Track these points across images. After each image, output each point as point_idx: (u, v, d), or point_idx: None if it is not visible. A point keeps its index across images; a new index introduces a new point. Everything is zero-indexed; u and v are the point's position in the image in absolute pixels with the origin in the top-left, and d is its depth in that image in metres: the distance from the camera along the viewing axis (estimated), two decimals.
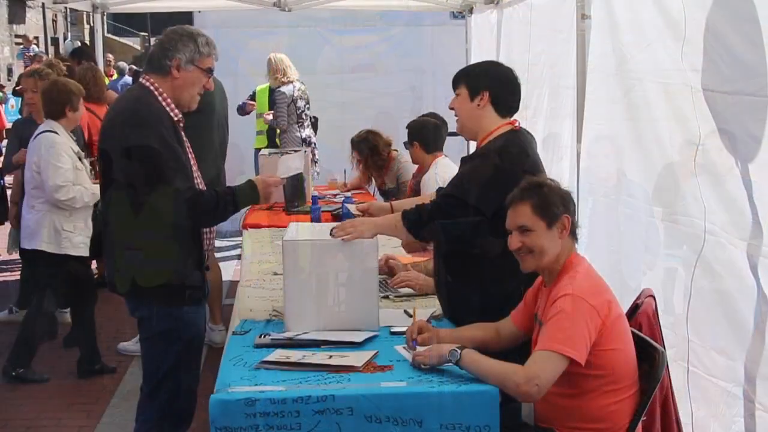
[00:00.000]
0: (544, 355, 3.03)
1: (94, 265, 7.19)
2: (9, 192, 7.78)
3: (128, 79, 16.57)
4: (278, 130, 9.28)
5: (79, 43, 20.42)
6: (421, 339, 3.36)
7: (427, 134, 6.25)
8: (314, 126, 9.58)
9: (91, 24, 26.56)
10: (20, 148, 6.60)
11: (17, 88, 11.71)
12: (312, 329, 3.55)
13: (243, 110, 9.69)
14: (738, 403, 3.67)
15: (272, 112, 9.26)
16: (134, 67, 16.47)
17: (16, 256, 7.56)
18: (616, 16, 4.79)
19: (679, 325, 4.04)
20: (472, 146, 4.27)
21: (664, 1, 4.21)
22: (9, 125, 13.53)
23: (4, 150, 7.01)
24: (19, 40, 23.26)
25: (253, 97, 9.71)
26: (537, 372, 3.00)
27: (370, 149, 7.36)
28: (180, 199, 3.65)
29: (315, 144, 9.35)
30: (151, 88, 3.79)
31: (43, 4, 21.14)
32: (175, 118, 3.80)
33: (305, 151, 7.65)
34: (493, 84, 3.79)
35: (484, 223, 3.63)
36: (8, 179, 8.36)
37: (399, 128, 7.47)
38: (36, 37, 22.39)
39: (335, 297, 3.61)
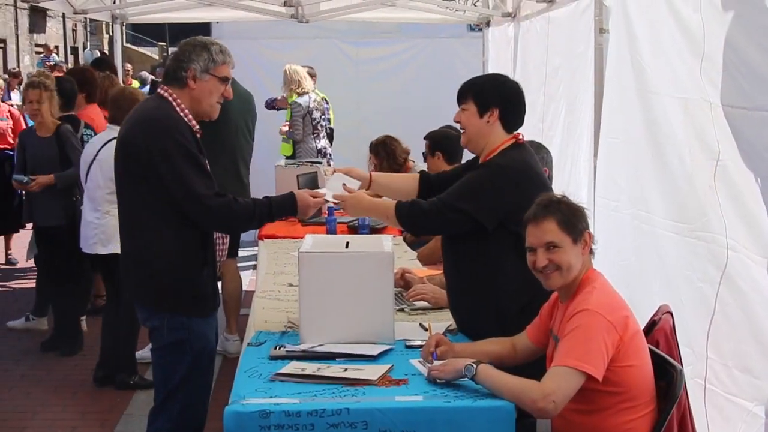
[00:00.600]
0: (560, 371, 3.01)
1: None
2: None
3: (148, 88, 16.64)
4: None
5: (99, 53, 20.56)
6: (439, 352, 3.34)
7: (449, 145, 6.21)
8: (330, 137, 9.60)
9: (110, 34, 26.74)
10: (24, 161, 6.64)
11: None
12: (327, 341, 3.54)
13: (272, 105, 9.69)
14: (759, 422, 3.62)
15: (288, 123, 9.30)
16: (153, 76, 16.51)
17: (31, 263, 7.60)
18: (635, 30, 4.77)
19: (696, 342, 4.01)
20: None
21: (682, 15, 4.20)
22: None
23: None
24: (40, 50, 23.43)
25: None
26: (553, 388, 2.98)
27: (387, 153, 7.34)
28: (208, 204, 3.67)
29: (330, 155, 9.36)
30: (170, 98, 3.79)
31: (63, 14, 21.28)
32: (194, 129, 3.81)
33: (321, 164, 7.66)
34: (503, 101, 3.78)
35: (484, 234, 3.63)
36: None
37: (414, 140, 7.44)
38: (56, 47, 22.57)
39: (350, 310, 3.60)
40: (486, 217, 3.62)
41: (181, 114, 3.77)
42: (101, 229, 5.92)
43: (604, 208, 4.96)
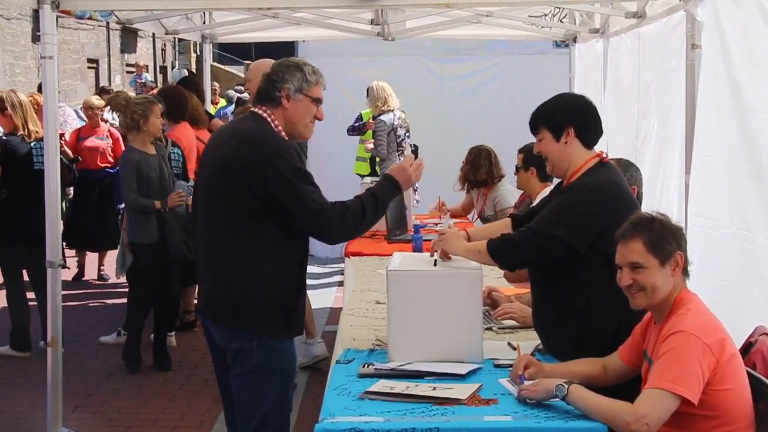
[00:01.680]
0: (655, 393, 2.96)
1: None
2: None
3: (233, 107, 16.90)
4: (378, 158, 9.35)
5: (186, 72, 20.97)
6: (528, 374, 3.31)
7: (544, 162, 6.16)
8: (414, 154, 9.61)
9: (198, 53, 27.25)
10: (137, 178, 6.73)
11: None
12: (415, 360, 3.53)
13: (359, 130, 9.79)
14: None
15: (373, 140, 9.35)
16: (237, 93, 16.77)
17: (123, 279, 7.76)
18: (729, 45, 4.66)
19: None
20: None
21: None
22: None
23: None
24: (131, 69, 24.03)
25: (360, 119, 9.82)
26: (647, 411, 2.93)
27: (474, 164, 7.32)
28: (330, 218, 3.70)
29: None
30: (266, 116, 3.80)
31: (153, 34, 21.79)
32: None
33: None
34: (574, 118, 3.73)
35: (576, 257, 3.57)
36: None
37: (499, 156, 7.42)
38: (146, 65, 23.10)
39: (439, 328, 3.58)
40: (577, 240, 3.57)
41: (277, 130, 3.79)
42: None
43: (699, 227, 4.84)
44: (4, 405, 5.78)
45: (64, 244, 10.61)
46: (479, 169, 7.33)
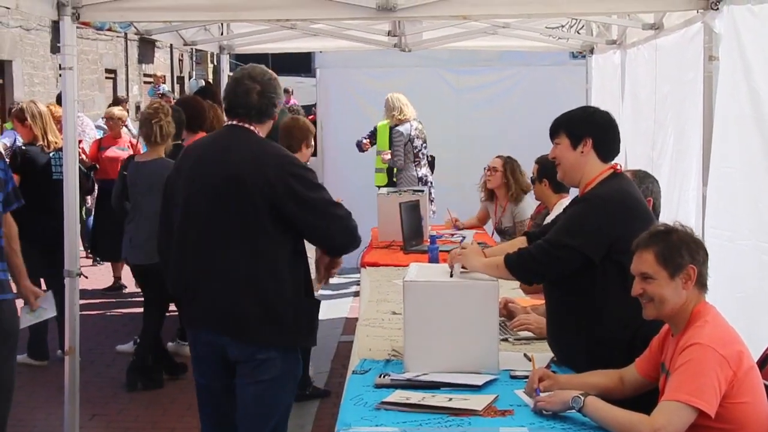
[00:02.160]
0: (671, 405, 2.95)
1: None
2: None
3: None
4: (395, 169, 9.37)
5: (203, 82, 21.07)
6: (543, 386, 3.30)
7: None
8: (431, 165, 9.63)
9: (215, 63, 27.38)
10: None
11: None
12: (431, 370, 3.54)
13: (360, 148, 9.83)
14: None
15: (390, 151, 9.36)
16: None
17: (139, 288, 7.76)
18: (748, 57, 4.65)
19: None
20: None
21: None
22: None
23: None
24: (150, 79, 24.16)
25: (372, 134, 9.82)
26: (664, 423, 2.92)
27: (512, 168, 7.30)
28: (351, 222, 3.87)
29: (432, 183, 9.39)
30: (255, 131, 3.89)
31: (171, 45, 21.91)
32: None
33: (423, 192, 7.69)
34: (595, 130, 3.76)
35: (591, 267, 3.58)
36: None
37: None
38: (163, 76, 23.23)
39: (455, 339, 3.59)
40: (592, 250, 3.58)
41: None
42: None
43: (716, 239, 4.82)
44: (22, 413, 5.80)
45: (99, 258, 10.75)
46: (519, 178, 7.27)
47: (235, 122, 3.88)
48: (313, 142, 6.22)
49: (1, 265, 4.43)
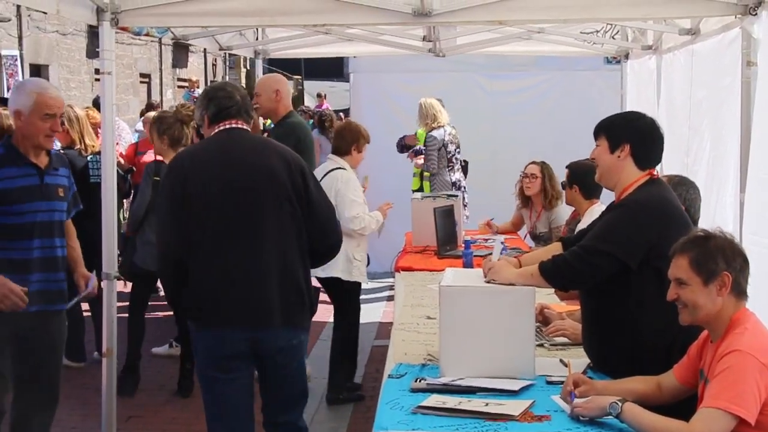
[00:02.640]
0: (710, 412, 2.93)
1: None
2: None
3: None
4: (428, 173, 9.38)
5: None
6: (579, 392, 3.29)
7: (588, 179, 6.12)
8: (464, 170, 9.63)
9: (248, 68, 27.52)
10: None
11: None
12: (467, 375, 3.54)
13: (402, 146, 9.86)
14: None
15: (422, 156, 9.39)
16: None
17: None
18: None
19: None
20: None
21: None
22: None
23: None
24: (182, 84, 24.33)
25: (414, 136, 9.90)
26: (702, 430, 2.91)
27: (549, 174, 7.29)
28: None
29: (465, 188, 9.39)
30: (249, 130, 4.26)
31: (204, 49, 22.06)
32: None
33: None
34: (633, 137, 3.74)
35: (627, 273, 3.57)
36: None
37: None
38: (197, 80, 23.37)
39: (491, 344, 3.59)
40: (629, 255, 3.57)
41: None
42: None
43: (754, 245, 4.78)
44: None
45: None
46: (555, 184, 7.25)
47: (231, 124, 4.13)
48: (363, 149, 6.40)
49: (61, 275, 4.46)
